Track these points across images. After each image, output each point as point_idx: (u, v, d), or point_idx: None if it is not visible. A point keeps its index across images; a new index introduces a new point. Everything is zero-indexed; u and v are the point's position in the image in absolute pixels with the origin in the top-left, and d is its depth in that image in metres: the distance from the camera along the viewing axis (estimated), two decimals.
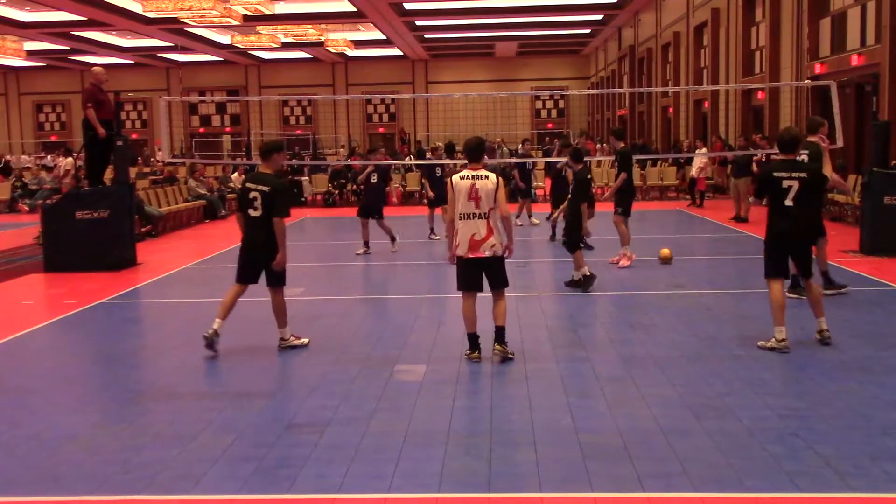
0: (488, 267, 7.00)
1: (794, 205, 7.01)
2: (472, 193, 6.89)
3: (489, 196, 6.88)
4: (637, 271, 11.29)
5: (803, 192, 7.00)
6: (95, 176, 13.22)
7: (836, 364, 6.70)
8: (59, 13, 33.34)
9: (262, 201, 7.30)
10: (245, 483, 4.65)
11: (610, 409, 5.73)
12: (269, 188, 7.31)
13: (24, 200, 24.27)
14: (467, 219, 6.91)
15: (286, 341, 7.63)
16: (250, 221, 7.45)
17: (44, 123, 53.78)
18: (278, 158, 7.63)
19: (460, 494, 4.47)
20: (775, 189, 7.07)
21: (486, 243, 6.91)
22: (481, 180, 6.91)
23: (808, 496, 4.35)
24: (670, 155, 24.91)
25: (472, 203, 6.88)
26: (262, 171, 7.56)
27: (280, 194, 7.38)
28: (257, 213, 7.35)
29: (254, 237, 7.47)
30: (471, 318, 7.04)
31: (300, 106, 52.69)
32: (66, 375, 7.19)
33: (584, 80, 52.32)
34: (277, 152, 7.60)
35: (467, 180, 6.93)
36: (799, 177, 7.02)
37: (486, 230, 6.90)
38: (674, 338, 7.66)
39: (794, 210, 7.01)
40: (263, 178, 7.41)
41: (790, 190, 6.99)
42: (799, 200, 7.00)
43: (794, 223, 7.05)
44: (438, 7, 35.20)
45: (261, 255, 7.46)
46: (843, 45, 18.86)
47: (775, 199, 7.10)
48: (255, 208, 7.34)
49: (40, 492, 4.64)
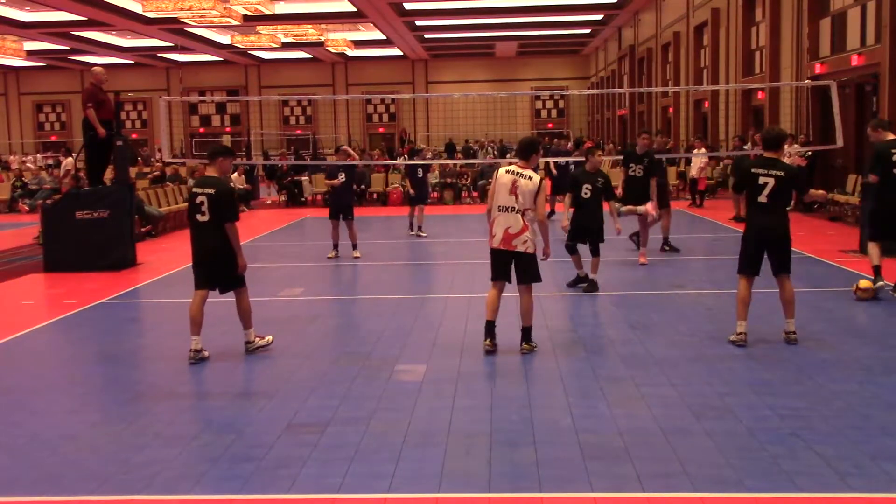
0: (518, 260, 7.12)
1: (769, 202, 7.10)
2: (513, 188, 7.01)
3: (527, 195, 6.99)
4: (637, 271, 11.29)
5: (778, 190, 7.08)
6: (95, 176, 13.23)
7: (836, 364, 6.70)
8: (59, 13, 33.33)
9: (209, 205, 7.11)
10: (245, 483, 4.65)
11: (610, 409, 5.73)
12: (215, 191, 7.12)
13: (24, 200, 24.28)
14: (505, 212, 7.06)
15: (252, 343, 7.49)
16: (199, 227, 7.24)
17: (44, 123, 53.77)
18: (223, 163, 7.39)
19: (460, 494, 4.47)
20: (752, 184, 7.15)
21: (519, 238, 7.04)
22: (524, 179, 7.03)
23: (808, 496, 4.35)
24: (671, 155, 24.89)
25: (512, 197, 7.02)
26: (209, 174, 7.34)
27: (226, 197, 7.16)
28: (204, 217, 7.15)
29: (204, 243, 7.25)
30: (492, 306, 7.23)
31: (300, 106, 52.67)
32: (66, 375, 7.20)
33: (584, 80, 52.31)
34: (223, 156, 7.38)
35: (511, 175, 7.08)
36: (776, 175, 7.07)
37: (521, 225, 7.03)
38: (674, 338, 7.66)
39: (769, 207, 7.11)
40: (210, 182, 7.21)
41: (765, 187, 7.08)
42: (773, 198, 7.09)
43: (768, 219, 7.14)
44: (438, 7, 35.19)
45: (213, 261, 7.27)
46: (843, 45, 18.85)
47: (751, 194, 7.20)
48: (202, 213, 7.14)
49: (40, 492, 4.64)
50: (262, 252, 14.93)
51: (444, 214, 20.94)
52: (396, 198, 24.12)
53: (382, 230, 17.37)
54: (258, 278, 12.49)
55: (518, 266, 7.17)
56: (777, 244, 7.24)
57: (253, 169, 26.44)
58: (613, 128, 43.60)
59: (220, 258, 7.23)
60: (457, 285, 10.82)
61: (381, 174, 25.10)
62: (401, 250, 14.49)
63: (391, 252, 14.07)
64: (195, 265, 7.40)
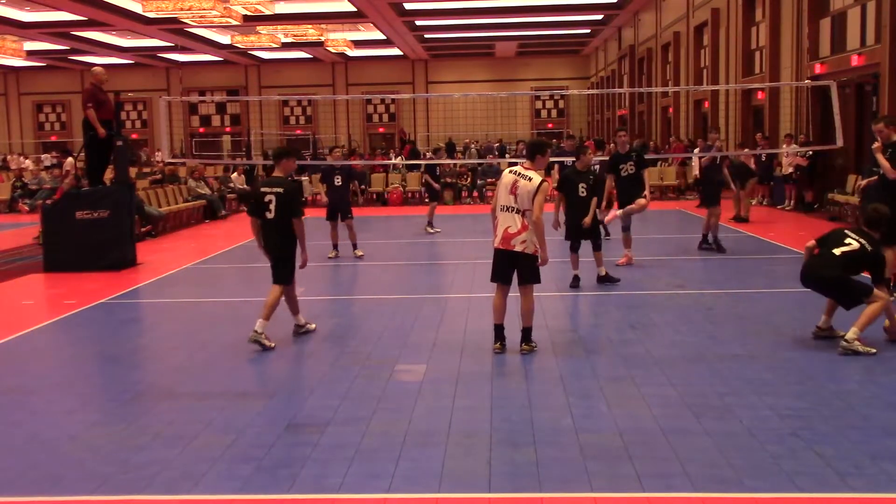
0: (517, 261, 7.13)
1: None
2: (513, 188, 7.04)
3: (525, 196, 6.99)
4: (637, 271, 11.29)
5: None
6: (95, 176, 13.23)
7: (836, 364, 6.70)
8: (59, 13, 33.32)
9: (277, 204, 7.60)
10: (245, 483, 4.65)
11: (610, 409, 5.73)
12: (283, 190, 7.63)
13: (24, 200, 24.27)
14: (505, 211, 7.10)
15: (258, 334, 7.59)
16: (265, 224, 7.72)
17: (44, 123, 53.75)
18: (288, 163, 7.92)
19: (460, 494, 4.47)
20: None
21: (517, 238, 7.05)
22: (524, 180, 7.03)
23: (808, 496, 4.35)
24: (671, 155, 24.91)
25: (512, 197, 7.05)
26: (276, 175, 7.89)
27: (293, 195, 7.70)
28: (271, 215, 7.64)
29: (271, 239, 7.74)
30: (498, 310, 7.27)
31: (300, 106, 52.66)
32: (66, 375, 7.20)
33: (584, 80, 52.30)
34: (287, 157, 7.92)
35: (512, 175, 7.12)
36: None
37: (519, 225, 7.03)
38: (674, 338, 7.66)
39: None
40: (278, 182, 7.74)
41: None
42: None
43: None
44: (438, 7, 35.18)
45: (278, 256, 7.75)
46: (843, 45, 18.85)
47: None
48: (269, 211, 7.64)
49: (40, 492, 4.64)
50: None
51: (445, 214, 20.95)
52: (396, 198, 24.13)
53: (382, 230, 17.37)
54: (258, 278, 12.50)
55: (518, 267, 7.17)
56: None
57: (252, 169, 26.44)
58: (613, 128, 43.57)
59: (283, 253, 7.72)
60: (457, 285, 10.83)
61: (381, 174, 25.11)
62: (400, 250, 14.49)
63: (391, 252, 14.07)
64: (271, 259, 7.85)
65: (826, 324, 7.42)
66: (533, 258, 7.14)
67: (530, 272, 7.17)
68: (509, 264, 7.19)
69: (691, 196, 23.03)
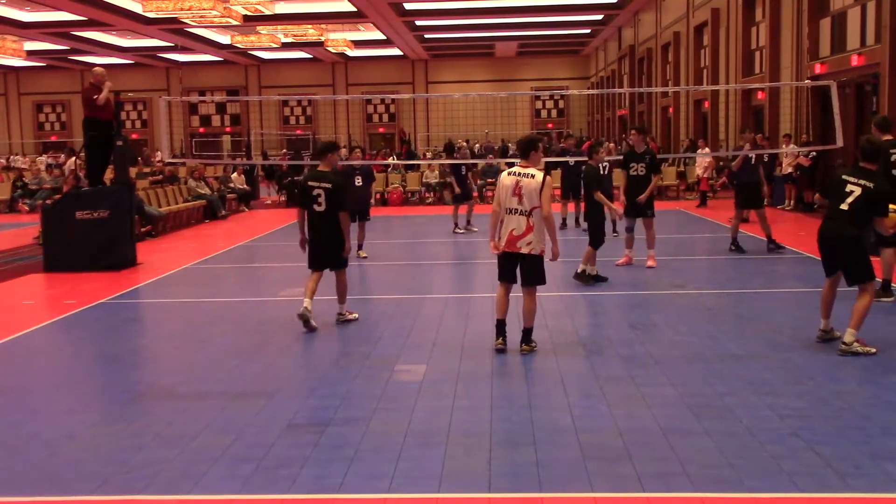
0: (523, 262, 7.13)
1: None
2: (516, 190, 7.00)
3: (531, 194, 6.95)
4: (637, 271, 11.29)
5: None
6: (95, 176, 13.23)
7: (836, 364, 6.70)
8: (59, 13, 33.34)
9: (326, 197, 8.14)
10: (245, 483, 4.65)
11: (610, 409, 5.72)
12: (332, 185, 8.18)
13: (24, 200, 24.27)
14: (509, 214, 7.07)
15: (342, 315, 8.54)
16: (315, 216, 8.25)
17: (44, 123, 53.79)
18: (332, 157, 8.44)
19: (460, 494, 4.47)
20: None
21: (522, 240, 7.03)
22: (526, 178, 7.00)
23: (808, 496, 4.35)
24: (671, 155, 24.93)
25: (516, 199, 7.02)
26: (322, 169, 8.35)
27: (341, 190, 8.25)
28: (321, 208, 8.19)
29: (320, 230, 8.28)
30: (501, 306, 7.29)
31: (300, 106, 52.70)
32: (66, 375, 7.20)
33: (584, 80, 52.32)
34: (331, 152, 8.48)
35: (513, 177, 7.07)
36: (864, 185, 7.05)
37: (524, 227, 7.00)
38: (674, 338, 7.66)
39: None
40: (325, 177, 8.23)
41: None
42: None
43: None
44: (438, 7, 35.19)
45: (326, 245, 8.31)
46: (843, 45, 18.85)
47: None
48: (318, 204, 8.18)
49: (40, 492, 4.64)
50: (262, 252, 14.95)
51: (445, 214, 20.95)
52: (396, 198, 24.13)
53: (382, 230, 17.36)
54: (258, 278, 12.52)
55: (522, 268, 7.17)
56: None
57: (252, 169, 26.46)
58: (613, 128, 43.60)
59: (332, 242, 8.29)
60: (457, 285, 10.83)
61: (381, 174, 25.11)
62: (401, 250, 14.49)
63: (391, 252, 14.07)
64: (309, 248, 8.42)
65: (827, 326, 7.40)
66: (538, 259, 7.12)
67: (535, 274, 7.15)
68: (514, 265, 7.20)
69: (691, 196, 23.05)
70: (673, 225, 17.67)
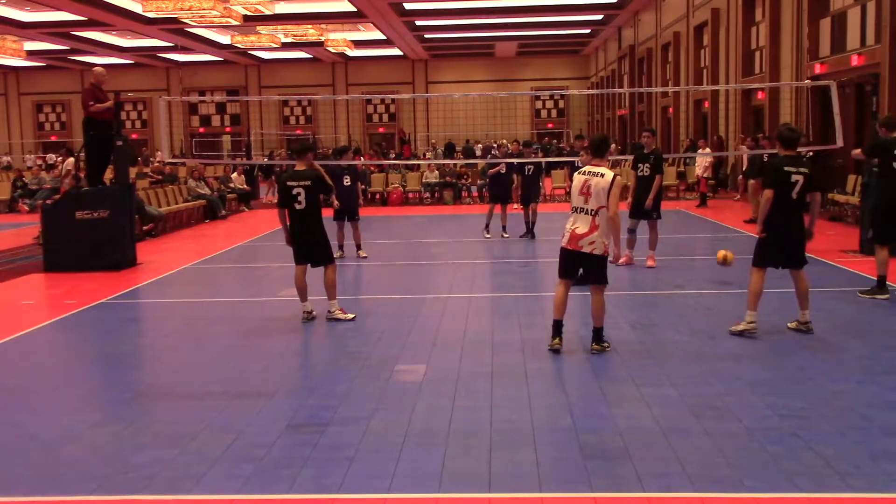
0: (585, 262, 7.12)
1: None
2: (584, 189, 7.02)
3: (599, 193, 6.95)
4: (637, 271, 11.29)
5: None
6: (95, 176, 13.23)
7: (836, 364, 6.70)
8: (59, 13, 33.33)
9: (306, 195, 8.32)
10: (245, 483, 4.65)
11: (610, 409, 5.73)
12: (311, 181, 8.34)
13: (24, 200, 24.27)
14: (575, 212, 7.11)
15: (332, 314, 8.57)
16: (296, 214, 8.43)
17: (44, 123, 53.78)
18: (311, 157, 8.61)
19: (460, 494, 4.47)
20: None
21: (584, 238, 7.02)
22: (596, 177, 7.01)
23: (808, 496, 4.35)
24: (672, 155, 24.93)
25: (582, 198, 7.04)
26: (299, 168, 8.51)
27: (319, 183, 8.42)
28: (301, 206, 8.36)
29: (302, 227, 8.45)
30: (558, 306, 7.27)
31: (300, 106, 52.69)
32: (66, 375, 7.20)
33: (584, 80, 52.32)
34: (311, 151, 8.67)
35: (583, 175, 7.12)
36: (803, 172, 7.41)
37: (588, 226, 6.99)
38: (674, 338, 7.66)
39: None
40: (303, 175, 8.40)
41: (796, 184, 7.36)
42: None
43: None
44: (438, 7, 35.18)
45: (309, 241, 8.49)
46: (843, 45, 18.85)
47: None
48: (299, 202, 8.35)
49: (40, 492, 4.64)
50: (262, 252, 14.94)
51: (445, 214, 20.95)
52: (396, 198, 24.14)
53: (382, 230, 17.37)
54: (258, 278, 12.51)
55: (585, 268, 7.16)
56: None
57: (252, 169, 26.47)
58: (613, 128, 43.60)
59: (314, 238, 8.47)
60: (457, 285, 10.82)
61: (381, 174, 25.12)
62: (401, 250, 14.49)
63: (391, 252, 14.07)
64: (294, 245, 8.58)
65: (805, 317, 7.65)
66: (601, 259, 7.09)
67: (598, 273, 7.13)
68: (576, 263, 7.17)
69: (691, 196, 23.04)
70: (673, 225, 17.66)
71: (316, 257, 8.59)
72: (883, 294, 9.04)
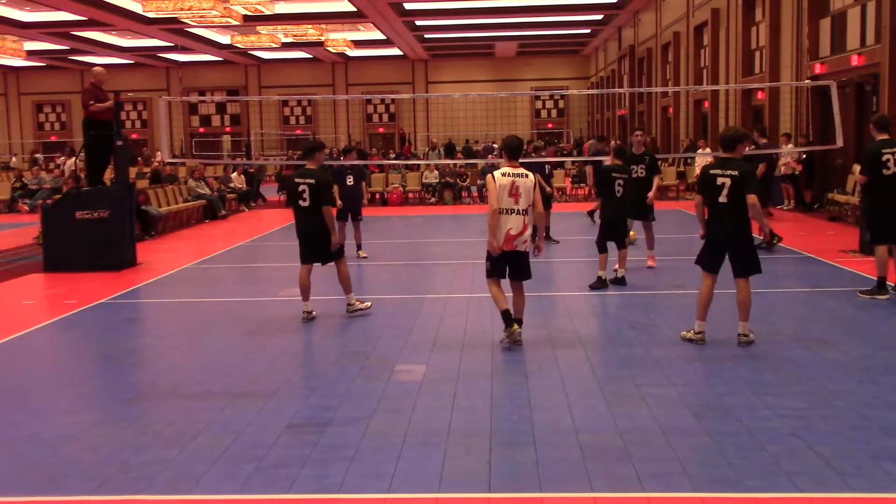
0: (515, 259, 7.36)
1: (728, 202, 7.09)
2: (513, 190, 7.20)
3: (528, 192, 7.22)
4: (637, 271, 11.29)
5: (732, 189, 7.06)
6: (95, 176, 13.23)
7: (836, 364, 6.70)
8: (59, 13, 33.32)
9: (310, 193, 8.46)
10: (245, 483, 4.65)
11: (610, 409, 5.73)
12: (316, 181, 8.47)
13: (24, 200, 24.27)
14: (507, 214, 7.23)
15: (352, 306, 8.79)
16: (301, 211, 8.59)
17: (44, 123, 53.77)
18: (319, 156, 8.75)
19: (460, 494, 4.47)
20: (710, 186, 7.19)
21: (518, 238, 7.25)
22: (521, 178, 7.25)
23: (808, 496, 4.35)
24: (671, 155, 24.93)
25: (512, 199, 7.22)
26: (309, 167, 8.67)
27: (324, 186, 8.53)
28: (306, 203, 8.52)
29: (306, 224, 8.61)
30: (501, 297, 7.39)
31: (300, 106, 52.66)
32: (66, 375, 7.20)
33: (584, 80, 52.31)
34: (318, 151, 8.80)
35: (508, 177, 7.26)
36: (731, 174, 7.07)
37: (521, 226, 7.23)
38: (674, 338, 7.66)
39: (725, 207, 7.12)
40: (310, 174, 8.55)
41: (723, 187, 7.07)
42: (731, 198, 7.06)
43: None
44: (438, 7, 35.18)
45: (314, 239, 8.60)
46: (843, 45, 18.84)
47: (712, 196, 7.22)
48: (303, 199, 8.51)
49: (40, 492, 4.64)
50: (262, 252, 14.95)
51: (444, 214, 20.95)
52: (396, 198, 24.14)
53: (382, 230, 17.37)
54: (258, 278, 12.52)
55: (514, 264, 7.40)
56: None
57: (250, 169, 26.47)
58: (613, 128, 43.60)
59: (319, 236, 8.56)
60: (457, 285, 10.82)
61: (381, 174, 25.12)
62: (401, 250, 14.49)
63: (391, 252, 14.07)
64: (300, 243, 8.75)
65: (741, 328, 7.32)
66: (527, 255, 7.41)
67: (526, 269, 7.47)
68: (507, 262, 7.40)
69: (691, 196, 23.04)
70: (673, 225, 17.66)
71: (319, 256, 8.65)
72: (883, 294, 9.05)
